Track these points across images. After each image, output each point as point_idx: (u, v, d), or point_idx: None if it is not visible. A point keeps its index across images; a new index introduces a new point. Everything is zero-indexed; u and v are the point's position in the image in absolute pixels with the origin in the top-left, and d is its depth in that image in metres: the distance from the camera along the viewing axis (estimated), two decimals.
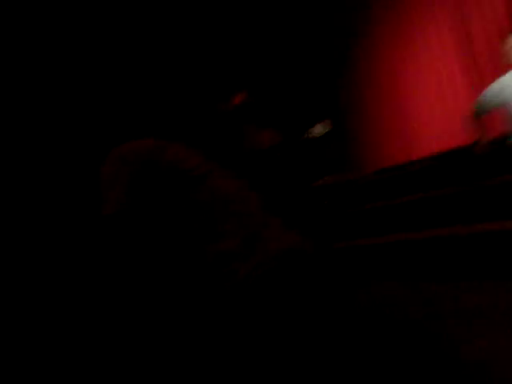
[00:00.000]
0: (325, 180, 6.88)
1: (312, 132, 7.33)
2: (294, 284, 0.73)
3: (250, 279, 0.71)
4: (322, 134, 7.31)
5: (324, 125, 7.33)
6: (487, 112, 3.12)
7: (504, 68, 2.90)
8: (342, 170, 7.19)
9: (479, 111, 3.14)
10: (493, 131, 3.27)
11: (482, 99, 3.09)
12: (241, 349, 0.69)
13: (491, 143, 3.18)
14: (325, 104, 7.45)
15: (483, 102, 3.08)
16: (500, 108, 2.97)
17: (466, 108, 3.30)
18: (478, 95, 3.14)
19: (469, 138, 3.35)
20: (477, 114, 3.15)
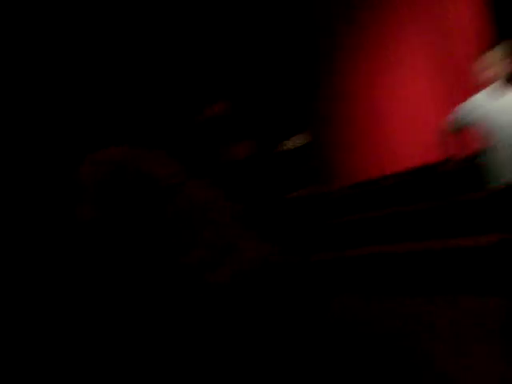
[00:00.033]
0: (299, 192, 6.88)
1: (288, 144, 7.35)
2: (268, 294, 0.73)
3: (225, 288, 0.71)
4: (298, 147, 7.34)
5: (300, 137, 7.37)
6: (459, 130, 3.18)
7: (476, 87, 2.96)
8: (317, 183, 7.22)
9: (451, 128, 3.20)
10: (465, 149, 3.33)
11: (455, 117, 3.15)
12: (211, 356, 0.69)
13: (462, 161, 3.24)
14: (301, 116, 7.50)
15: (456, 120, 3.15)
16: (472, 126, 3.03)
17: (439, 125, 3.36)
18: (451, 113, 3.20)
19: (441, 155, 3.41)
20: (449, 131, 3.21)
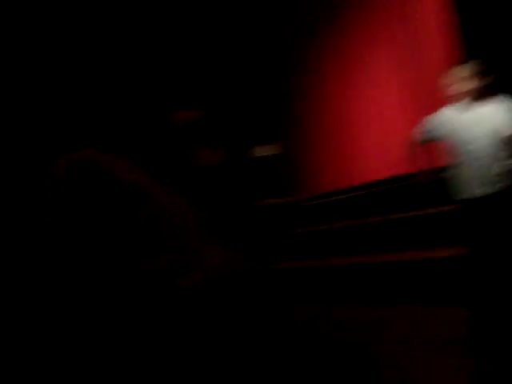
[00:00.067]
0: (267, 201, 6.86)
1: (258, 153, 7.33)
2: (231, 302, 0.74)
3: (188, 295, 0.71)
4: (268, 156, 7.33)
5: (270, 146, 7.36)
6: (427, 143, 3.22)
7: (445, 101, 3.01)
8: (286, 193, 7.22)
9: (420, 142, 3.23)
10: (433, 162, 3.38)
11: (423, 130, 3.19)
12: (169, 365, 0.68)
13: (430, 174, 3.28)
14: (271, 126, 7.51)
15: (424, 134, 3.18)
16: (439, 140, 3.07)
17: (408, 138, 3.39)
18: (420, 126, 3.24)
19: (410, 167, 3.44)
20: (417, 144, 3.24)
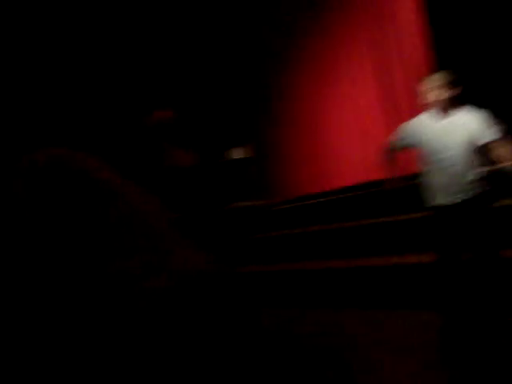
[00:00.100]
0: (238, 204, 6.83)
1: (231, 155, 7.29)
2: (199, 304, 0.75)
3: (161, 295, 0.72)
4: (241, 159, 7.30)
5: (243, 149, 7.33)
6: (401, 150, 3.24)
7: (419, 109, 3.03)
8: (257, 196, 7.20)
9: (394, 148, 3.25)
10: (407, 168, 3.41)
11: (396, 137, 3.21)
12: (135, 367, 0.68)
13: (403, 180, 3.30)
14: (245, 129, 7.49)
15: (398, 140, 3.20)
16: (413, 147, 3.09)
17: (382, 144, 3.41)
18: (394, 133, 3.26)
19: (383, 173, 3.46)
20: (392, 151, 3.26)
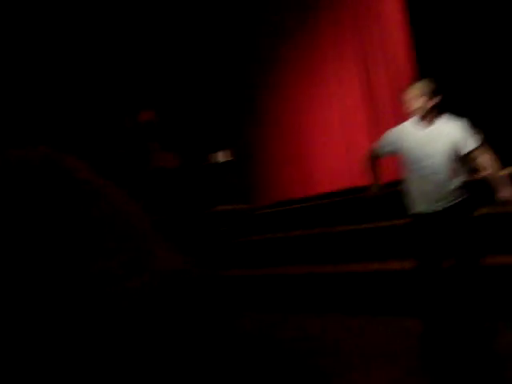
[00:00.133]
0: (219, 208, 6.81)
1: (213, 159, 7.27)
2: (177, 304, 0.72)
3: (137, 295, 0.72)
4: (223, 162, 7.27)
5: (225, 153, 7.31)
6: (383, 157, 3.25)
7: (403, 117, 3.05)
8: (239, 200, 7.17)
9: (376, 155, 3.25)
10: (385, 175, 3.42)
11: (379, 144, 3.22)
12: (109, 364, 0.68)
13: (383, 187, 3.31)
14: (228, 133, 7.47)
15: (381, 147, 3.21)
16: (396, 154, 3.11)
17: (366, 151, 3.42)
18: (378, 140, 3.27)
19: (365, 180, 3.47)
20: (373, 158, 3.27)
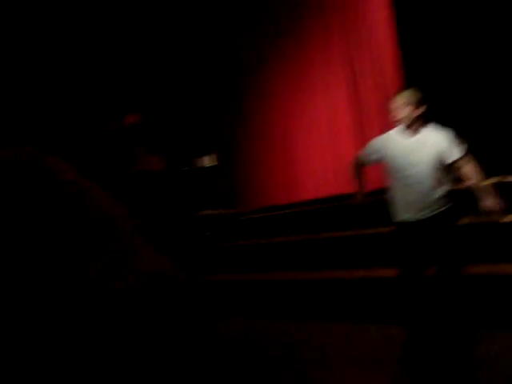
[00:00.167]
0: (204, 213, 6.78)
1: (198, 163, 7.24)
2: (162, 307, 0.76)
3: (123, 296, 0.73)
4: (208, 167, 7.25)
5: (211, 158, 7.28)
6: (369, 164, 3.26)
7: (392, 123, 3.06)
8: (225, 205, 7.15)
9: (361, 163, 3.26)
10: (374, 183, 3.44)
11: (365, 152, 3.23)
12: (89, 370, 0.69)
13: (368, 196, 3.31)
14: (214, 138, 7.46)
15: (365, 155, 3.22)
16: (382, 162, 3.12)
17: (352, 158, 3.43)
18: (364, 147, 3.29)
19: (350, 187, 3.47)
20: (359, 165, 3.27)
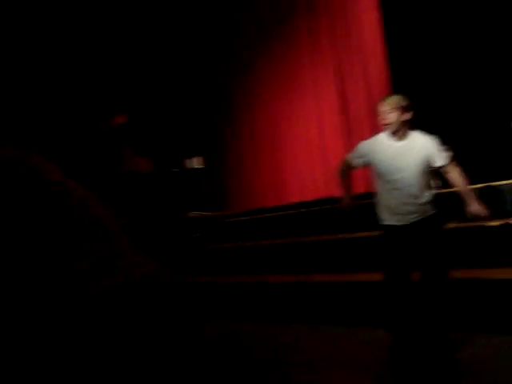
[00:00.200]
0: (191, 214, 6.76)
1: (186, 165, 7.21)
2: (146, 310, 0.77)
3: (105, 300, 0.73)
4: (196, 169, 7.23)
5: (198, 160, 7.27)
6: (356, 168, 3.27)
7: (377, 129, 3.08)
8: (211, 207, 7.14)
9: (349, 166, 3.27)
10: (361, 187, 3.45)
11: (352, 156, 3.24)
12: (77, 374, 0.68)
13: (355, 200, 3.32)
14: (202, 139, 7.45)
15: (353, 159, 3.23)
16: (370, 166, 3.14)
17: (339, 162, 3.44)
18: (352, 151, 3.30)
19: (337, 191, 3.48)
20: (346, 169, 3.28)
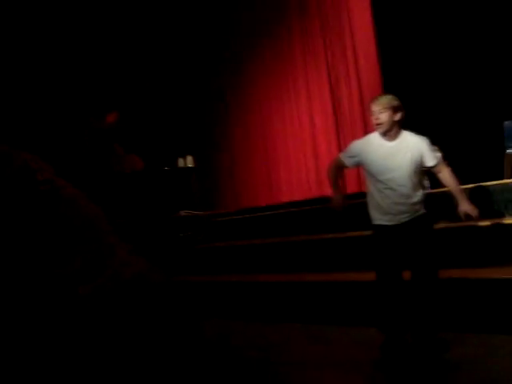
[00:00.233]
0: (182, 213, 6.74)
1: (178, 164, 7.18)
2: (137, 308, 0.74)
3: (96, 299, 0.70)
4: (187, 168, 7.20)
5: (190, 159, 7.24)
6: (348, 167, 3.27)
7: (372, 126, 3.07)
8: (203, 206, 7.12)
9: (340, 166, 3.26)
10: (353, 187, 3.45)
11: (344, 155, 3.23)
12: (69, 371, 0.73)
13: (346, 199, 3.31)
14: (195, 139, 7.44)
15: (345, 158, 3.22)
16: (362, 166, 3.13)
17: (332, 161, 3.43)
18: (344, 151, 3.29)
19: (332, 191, 3.46)
20: (338, 168, 3.28)
